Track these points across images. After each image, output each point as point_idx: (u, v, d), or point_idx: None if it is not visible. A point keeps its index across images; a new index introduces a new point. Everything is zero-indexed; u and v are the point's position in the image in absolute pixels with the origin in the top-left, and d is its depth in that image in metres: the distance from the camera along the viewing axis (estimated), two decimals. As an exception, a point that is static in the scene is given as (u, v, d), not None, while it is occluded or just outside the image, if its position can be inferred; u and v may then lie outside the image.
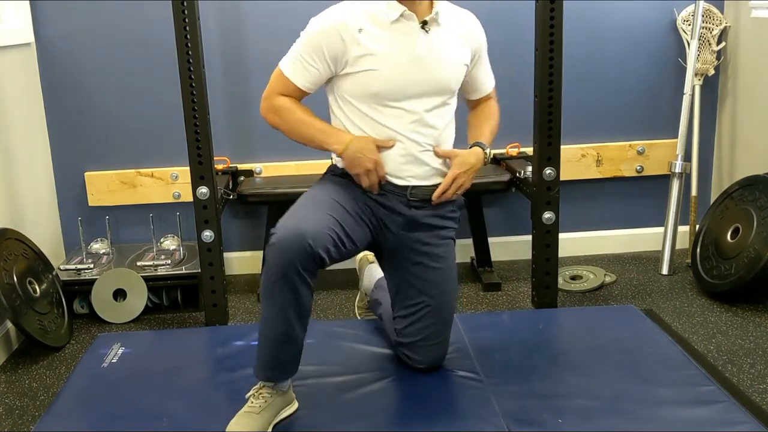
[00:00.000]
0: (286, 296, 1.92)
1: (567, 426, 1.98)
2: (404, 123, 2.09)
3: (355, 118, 2.11)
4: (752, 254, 2.75)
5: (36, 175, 3.10)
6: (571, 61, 2.94)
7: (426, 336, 2.22)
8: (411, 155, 2.12)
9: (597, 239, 3.46)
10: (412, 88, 2.07)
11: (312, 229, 1.91)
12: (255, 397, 2.01)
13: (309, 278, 1.93)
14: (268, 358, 2.01)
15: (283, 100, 2.16)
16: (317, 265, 1.93)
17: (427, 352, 2.24)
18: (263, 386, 2.03)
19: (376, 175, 2.10)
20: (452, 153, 2.17)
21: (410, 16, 2.06)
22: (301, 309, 1.96)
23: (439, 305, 2.21)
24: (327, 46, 2.05)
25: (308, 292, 1.96)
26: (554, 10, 2.57)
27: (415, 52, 2.07)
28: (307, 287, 1.94)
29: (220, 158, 3.15)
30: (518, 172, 3.01)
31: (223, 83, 3.20)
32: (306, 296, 1.95)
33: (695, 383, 2.16)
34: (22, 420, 2.24)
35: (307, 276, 1.92)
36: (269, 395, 2.01)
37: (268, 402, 2.00)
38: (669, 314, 2.78)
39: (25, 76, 3.06)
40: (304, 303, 1.96)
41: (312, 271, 1.93)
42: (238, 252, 3.38)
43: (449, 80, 2.14)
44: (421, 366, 2.25)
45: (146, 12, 3.11)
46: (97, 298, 2.91)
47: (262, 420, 1.98)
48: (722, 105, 3.36)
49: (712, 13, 3.23)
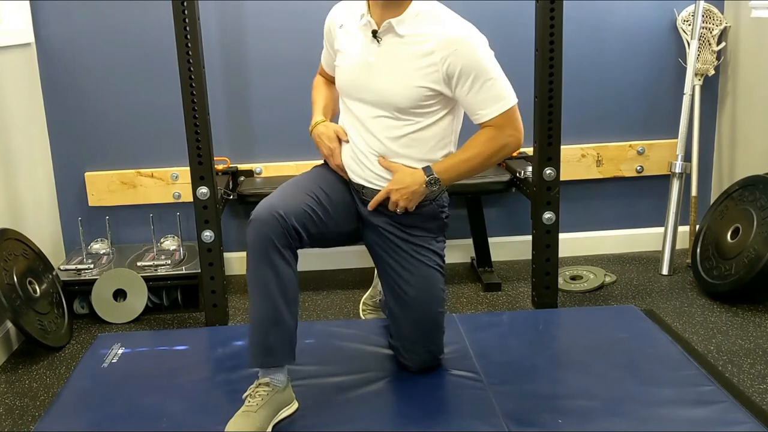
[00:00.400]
0: (266, 274, 1.95)
1: (567, 426, 1.98)
2: (353, 122, 2.17)
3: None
4: (752, 254, 2.75)
5: (36, 175, 3.10)
6: (571, 61, 2.94)
7: (412, 342, 2.22)
8: (356, 155, 2.16)
9: (597, 239, 3.46)
10: (357, 92, 2.13)
11: (286, 204, 1.98)
12: (252, 396, 2.01)
13: (288, 255, 1.96)
14: (258, 343, 2.01)
15: (317, 78, 2.42)
16: (295, 240, 1.97)
17: (416, 357, 2.24)
18: (259, 384, 2.03)
19: (332, 162, 2.20)
20: (393, 167, 2.11)
21: (370, 23, 2.08)
22: (284, 287, 1.97)
23: (416, 311, 2.17)
24: (326, 35, 2.27)
25: (289, 270, 1.97)
26: (554, 10, 2.57)
27: (366, 60, 2.09)
28: (286, 264, 1.96)
29: (220, 158, 3.15)
30: (518, 172, 3.01)
31: (223, 83, 3.20)
32: (287, 273, 1.97)
33: (695, 383, 2.16)
34: (22, 420, 2.24)
35: (285, 252, 1.95)
36: (266, 393, 2.01)
37: (265, 400, 2.00)
38: (669, 314, 2.78)
39: (25, 76, 3.06)
40: (285, 280, 1.96)
41: (290, 247, 1.97)
42: (238, 252, 3.38)
43: (393, 97, 2.05)
44: (412, 369, 2.26)
45: (146, 12, 3.11)
46: (97, 298, 2.91)
47: (260, 418, 1.96)
48: (722, 105, 3.35)
49: (712, 13, 3.23)
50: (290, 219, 1.96)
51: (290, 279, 1.98)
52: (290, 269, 1.98)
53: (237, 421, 1.96)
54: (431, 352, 2.25)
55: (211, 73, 2.94)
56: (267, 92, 3.24)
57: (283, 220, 1.94)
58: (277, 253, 1.94)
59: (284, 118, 3.23)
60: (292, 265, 1.98)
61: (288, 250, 1.97)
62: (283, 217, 1.94)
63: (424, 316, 2.19)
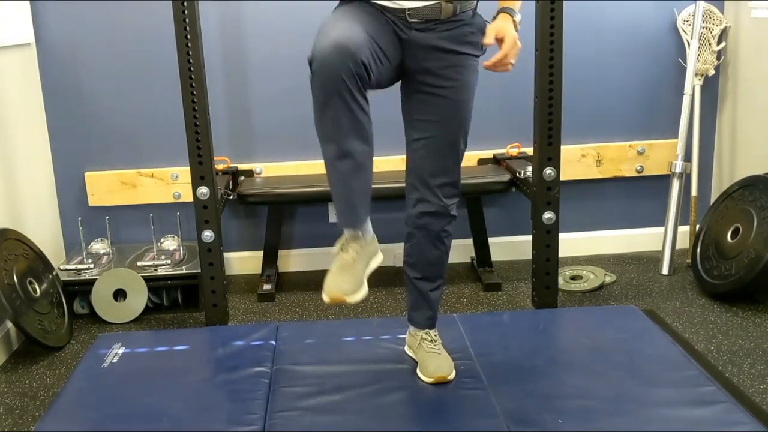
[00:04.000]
0: (342, 115, 1.83)
1: (567, 426, 1.98)
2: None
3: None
4: (752, 254, 2.75)
5: (36, 175, 3.10)
6: (571, 61, 2.94)
7: (444, 170, 2.10)
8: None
9: (597, 239, 3.46)
10: None
11: (350, 38, 1.80)
12: (344, 251, 1.98)
13: (360, 97, 1.83)
14: (343, 205, 1.96)
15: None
16: (364, 75, 1.82)
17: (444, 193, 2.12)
18: (348, 239, 1.98)
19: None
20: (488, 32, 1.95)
21: None
22: (362, 131, 1.88)
23: (453, 123, 2.07)
24: None
25: (366, 116, 1.87)
26: (554, 10, 2.57)
27: None
28: (361, 109, 1.85)
29: (220, 158, 3.15)
30: (518, 172, 3.01)
31: (223, 83, 3.20)
32: (365, 119, 1.87)
33: (696, 383, 2.16)
34: (22, 420, 2.24)
35: (357, 94, 1.82)
36: (358, 246, 1.98)
37: (359, 253, 1.97)
38: (669, 314, 2.78)
39: (25, 77, 3.06)
40: (363, 123, 1.87)
41: (360, 83, 1.82)
42: (238, 252, 3.38)
43: None
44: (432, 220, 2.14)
45: (146, 12, 3.11)
46: (97, 298, 2.91)
47: (358, 273, 1.95)
48: (722, 105, 3.35)
49: (712, 13, 3.23)
50: (360, 54, 1.79)
51: (367, 122, 1.89)
52: (365, 114, 1.87)
53: (335, 280, 1.92)
54: (455, 184, 2.14)
55: (211, 73, 2.94)
56: (267, 92, 3.24)
57: (354, 55, 1.77)
58: (349, 94, 1.81)
59: (284, 118, 3.23)
60: (366, 110, 1.87)
61: (358, 91, 1.83)
62: (352, 53, 1.77)
63: (459, 128, 2.08)
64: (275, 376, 2.30)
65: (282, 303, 3.05)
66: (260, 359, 2.40)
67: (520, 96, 3.19)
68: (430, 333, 2.30)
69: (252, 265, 3.36)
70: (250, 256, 3.37)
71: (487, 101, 3.27)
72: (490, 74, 3.43)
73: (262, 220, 3.30)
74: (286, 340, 2.53)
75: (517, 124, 3.26)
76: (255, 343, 2.52)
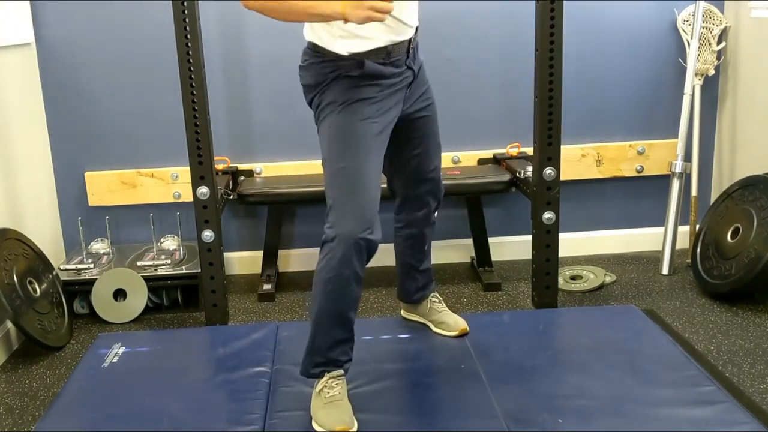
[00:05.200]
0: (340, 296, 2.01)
1: (567, 426, 1.98)
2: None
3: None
4: (752, 254, 2.75)
5: (36, 175, 3.10)
6: (571, 61, 2.95)
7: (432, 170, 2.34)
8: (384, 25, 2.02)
9: (597, 239, 3.46)
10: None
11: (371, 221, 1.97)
12: (329, 387, 2.04)
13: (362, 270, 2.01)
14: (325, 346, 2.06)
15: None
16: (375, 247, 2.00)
17: (434, 187, 2.37)
18: (331, 377, 2.06)
19: (385, 8, 1.84)
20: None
21: None
22: (354, 302, 2.05)
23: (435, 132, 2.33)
24: None
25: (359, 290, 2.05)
26: (554, 10, 2.57)
27: None
28: (359, 283, 2.02)
29: (220, 158, 3.15)
30: (518, 172, 3.01)
31: (223, 83, 3.20)
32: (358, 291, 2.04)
33: (696, 383, 2.16)
34: (22, 420, 2.24)
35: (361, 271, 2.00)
36: (340, 381, 2.07)
37: (342, 386, 2.07)
38: (669, 314, 2.78)
39: (25, 76, 3.06)
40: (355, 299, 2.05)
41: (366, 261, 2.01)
42: (238, 252, 3.38)
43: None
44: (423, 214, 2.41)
45: (146, 12, 3.11)
46: (97, 298, 2.91)
47: (347, 403, 2.04)
48: (722, 105, 3.35)
49: (712, 13, 3.23)
50: (374, 235, 1.97)
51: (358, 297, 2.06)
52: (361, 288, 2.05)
53: (335, 413, 1.99)
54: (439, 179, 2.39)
55: (211, 73, 2.94)
56: (267, 92, 3.24)
57: (367, 245, 1.96)
58: (355, 278, 1.99)
59: (284, 118, 3.23)
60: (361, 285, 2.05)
61: (364, 269, 2.02)
62: (367, 245, 1.96)
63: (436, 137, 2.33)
64: (275, 376, 2.30)
65: (282, 303, 3.05)
66: (260, 359, 2.40)
67: (520, 96, 3.20)
68: (436, 295, 2.58)
69: (252, 265, 3.36)
70: (250, 256, 3.37)
71: (487, 101, 3.28)
72: (491, 75, 3.45)
73: (262, 220, 3.30)
74: (286, 340, 2.53)
75: (517, 124, 3.26)
76: (255, 343, 2.52)
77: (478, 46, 3.22)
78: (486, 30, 3.22)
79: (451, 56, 3.20)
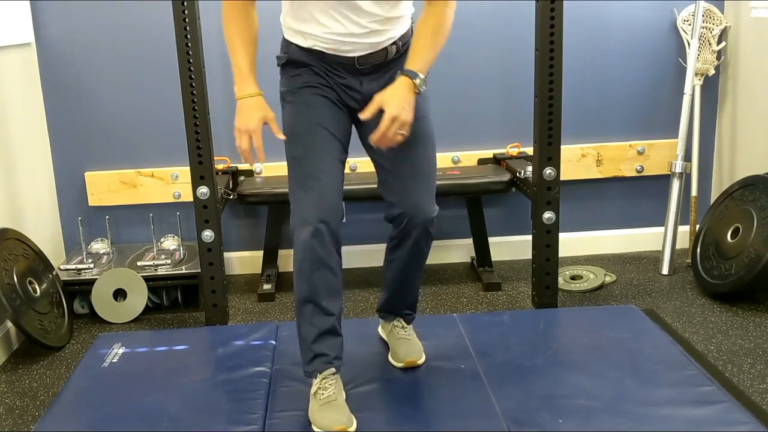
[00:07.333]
0: (310, 283, 1.98)
1: (567, 426, 1.98)
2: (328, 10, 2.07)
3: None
4: (752, 254, 2.75)
5: (36, 175, 3.10)
6: (571, 61, 2.95)
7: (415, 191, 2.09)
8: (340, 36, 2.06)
9: (597, 239, 3.46)
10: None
11: (327, 209, 1.96)
12: (323, 388, 2.03)
13: (335, 262, 1.99)
14: (314, 349, 2.05)
15: (231, 10, 2.15)
16: (339, 236, 1.99)
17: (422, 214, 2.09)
18: (325, 377, 2.05)
19: (247, 141, 2.08)
20: (375, 100, 1.94)
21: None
22: (333, 292, 2.03)
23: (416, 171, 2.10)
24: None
25: (336, 279, 2.01)
26: (554, 10, 2.57)
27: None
28: (334, 275, 2.00)
29: (220, 158, 3.15)
30: (518, 172, 3.01)
31: (223, 83, 3.20)
32: (335, 282, 2.01)
33: (695, 383, 2.16)
34: (22, 420, 2.24)
35: (332, 261, 1.98)
36: (334, 380, 2.06)
37: (338, 387, 2.05)
38: (669, 314, 2.78)
39: (25, 76, 3.06)
40: (334, 288, 2.02)
41: (337, 250, 2.00)
42: (238, 252, 3.38)
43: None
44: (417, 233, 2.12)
45: (146, 12, 3.11)
46: (97, 298, 2.91)
47: (343, 403, 2.02)
48: (722, 105, 3.36)
49: (712, 13, 3.23)
50: (333, 223, 1.96)
51: (338, 286, 2.03)
52: (337, 278, 2.02)
53: (332, 415, 1.98)
54: (431, 205, 2.12)
55: (211, 73, 2.94)
56: (267, 92, 3.23)
57: (329, 232, 1.95)
58: (322, 264, 1.97)
59: (284, 118, 3.23)
60: (338, 274, 2.02)
61: (334, 257, 1.99)
62: (328, 232, 1.95)
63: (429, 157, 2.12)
64: (275, 376, 2.30)
65: (282, 303, 3.05)
66: (260, 359, 2.40)
67: (520, 96, 3.20)
68: (401, 320, 2.38)
69: (252, 265, 3.36)
70: (250, 256, 3.38)
71: (487, 101, 3.28)
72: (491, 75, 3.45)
73: (262, 220, 3.30)
74: (286, 340, 2.53)
75: (517, 124, 3.26)
76: (255, 343, 2.52)
77: (478, 46, 3.22)
78: (486, 30, 3.22)
79: (451, 56, 3.20)
